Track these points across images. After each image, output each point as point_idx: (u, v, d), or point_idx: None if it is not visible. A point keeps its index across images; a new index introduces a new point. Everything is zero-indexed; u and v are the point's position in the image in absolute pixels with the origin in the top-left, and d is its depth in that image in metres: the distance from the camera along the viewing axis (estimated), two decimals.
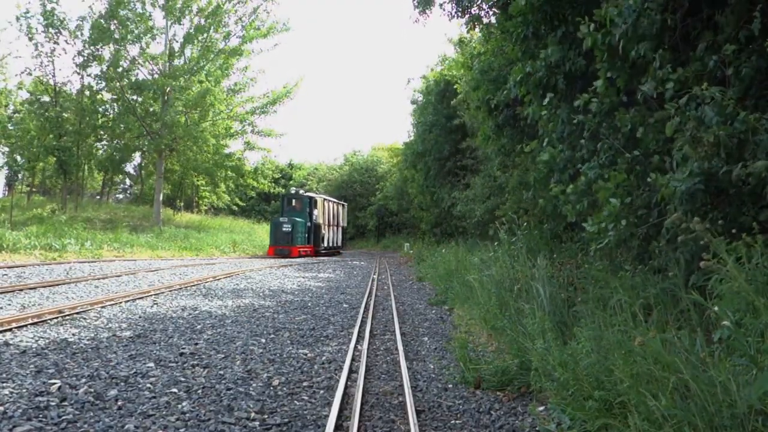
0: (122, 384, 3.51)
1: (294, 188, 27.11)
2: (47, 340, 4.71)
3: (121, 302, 7.33)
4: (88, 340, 4.82)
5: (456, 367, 4.41)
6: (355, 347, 5.00)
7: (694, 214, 4.11)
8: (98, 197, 38.19)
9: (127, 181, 47.59)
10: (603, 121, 5.64)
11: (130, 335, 5.09)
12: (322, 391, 3.62)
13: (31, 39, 23.22)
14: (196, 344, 4.79)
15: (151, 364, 4.02)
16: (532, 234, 8.44)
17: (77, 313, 6.27)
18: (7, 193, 35.94)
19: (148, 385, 3.51)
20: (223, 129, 28.29)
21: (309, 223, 23.47)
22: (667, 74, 4.33)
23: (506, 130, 9.52)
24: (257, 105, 29.17)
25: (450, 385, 3.94)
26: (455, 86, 18.46)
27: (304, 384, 3.75)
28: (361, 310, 7.29)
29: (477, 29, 8.65)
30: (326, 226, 26.05)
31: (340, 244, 29.09)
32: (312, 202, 24.09)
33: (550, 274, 5.60)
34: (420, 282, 12.51)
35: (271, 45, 35.20)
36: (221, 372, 3.90)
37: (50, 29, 22.90)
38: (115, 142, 28.04)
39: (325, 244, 25.62)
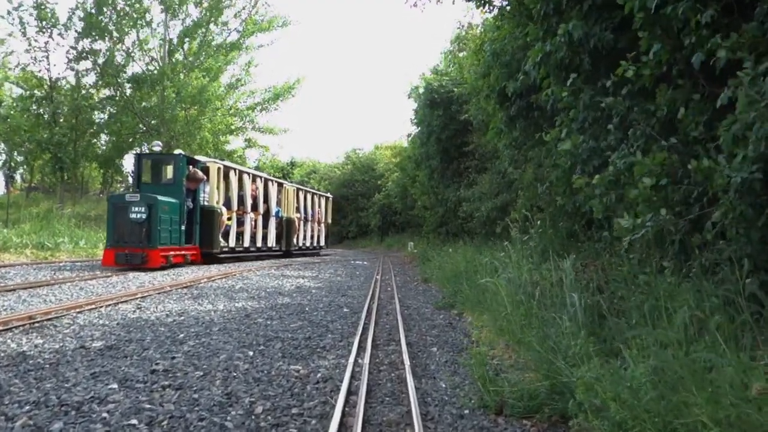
0: (72, 413, 2.91)
1: (157, 143, 14.66)
2: (1, 354, 4.12)
3: (102, 306, 6.75)
4: (50, 353, 4.22)
5: (471, 385, 3.80)
6: (356, 360, 4.39)
7: (753, 208, 3.51)
8: (100, 195, 37.75)
9: (130, 179, 47.14)
10: (635, 104, 5.02)
11: (100, 346, 4.49)
12: (314, 421, 3.01)
13: (24, 34, 22.78)
14: (173, 358, 4.18)
15: (114, 385, 3.41)
16: (546, 233, 7.84)
17: (49, 319, 5.68)
18: (5, 190, 35.48)
19: (104, 414, 2.91)
20: (223, 126, 27.76)
21: (191, 205, 13.34)
22: (717, 43, 3.71)
23: (519, 122, 8.90)
24: (258, 101, 28.66)
25: (466, 411, 3.33)
26: (450, 92, 17.91)
27: (294, 411, 3.14)
28: (363, 315, 6.68)
29: (488, 12, 8.03)
30: (239, 214, 15.83)
31: (274, 244, 18.34)
32: (200, 171, 13.77)
33: (574, 278, 5.01)
34: (425, 283, 11.89)
35: (271, 40, 34.72)
36: (196, 395, 3.29)
37: (42, 22, 22.42)
38: (111, 138, 27.51)
39: (232, 243, 15.25)
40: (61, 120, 24.98)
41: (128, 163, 34.05)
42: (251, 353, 4.47)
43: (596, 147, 5.78)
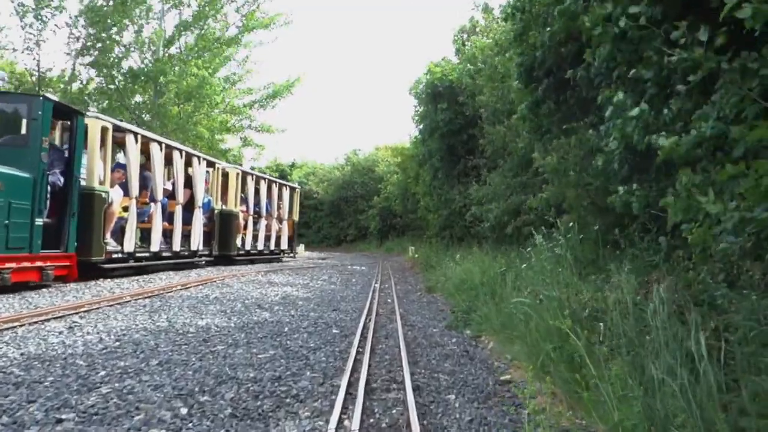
0: None
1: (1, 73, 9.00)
2: None
3: (25, 324, 5.33)
4: None
5: None
6: (339, 421, 2.98)
7: None
8: None
9: None
10: (732, 58, 3.61)
11: None
12: None
13: (22, 18, 21.56)
14: (60, 421, 2.75)
15: None
16: (576, 238, 6.48)
17: None
18: None
19: None
20: (218, 123, 26.43)
21: (61, 182, 8.16)
22: None
23: (546, 106, 7.51)
24: (256, 98, 27.37)
25: None
26: (456, 81, 16.56)
27: None
28: (356, 340, 5.26)
29: None
30: (142, 203, 10.97)
31: (200, 246, 13.16)
32: (75, 127, 8.29)
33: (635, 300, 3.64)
34: (430, 293, 10.49)
35: (272, 38, 33.51)
36: None
37: (41, 3, 21.12)
38: None
39: (130, 246, 10.03)
40: None
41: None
42: (184, 410, 3.03)
43: (657, 117, 4.36)
